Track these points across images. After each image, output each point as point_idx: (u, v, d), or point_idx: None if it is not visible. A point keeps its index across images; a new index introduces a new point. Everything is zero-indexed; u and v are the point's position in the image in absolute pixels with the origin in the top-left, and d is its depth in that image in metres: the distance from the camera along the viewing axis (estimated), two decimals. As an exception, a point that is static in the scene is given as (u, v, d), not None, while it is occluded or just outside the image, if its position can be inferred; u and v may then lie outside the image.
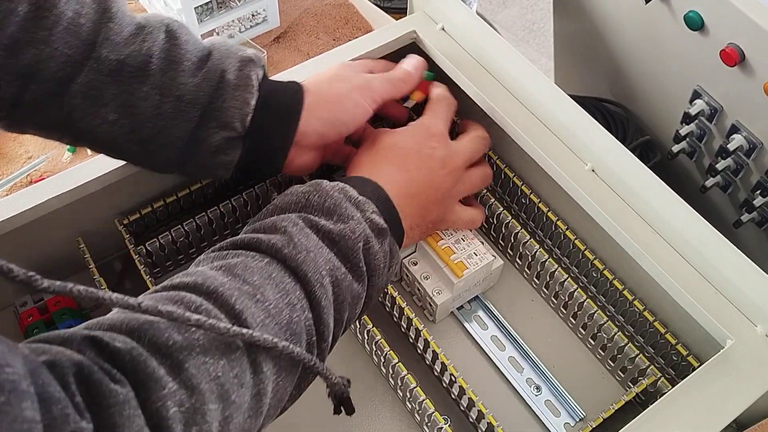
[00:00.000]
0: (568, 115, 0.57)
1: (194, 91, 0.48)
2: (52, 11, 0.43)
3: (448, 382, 0.55)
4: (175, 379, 0.33)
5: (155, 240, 0.60)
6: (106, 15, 0.46)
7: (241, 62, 0.50)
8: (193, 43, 0.49)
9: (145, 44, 0.47)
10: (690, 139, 0.69)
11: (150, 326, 0.34)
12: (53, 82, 0.45)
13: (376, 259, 0.46)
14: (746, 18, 0.54)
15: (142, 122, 0.47)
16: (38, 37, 0.43)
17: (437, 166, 0.54)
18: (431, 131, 0.55)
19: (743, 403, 0.45)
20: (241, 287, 0.39)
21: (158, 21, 0.48)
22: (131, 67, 0.46)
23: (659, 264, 0.51)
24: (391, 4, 1.00)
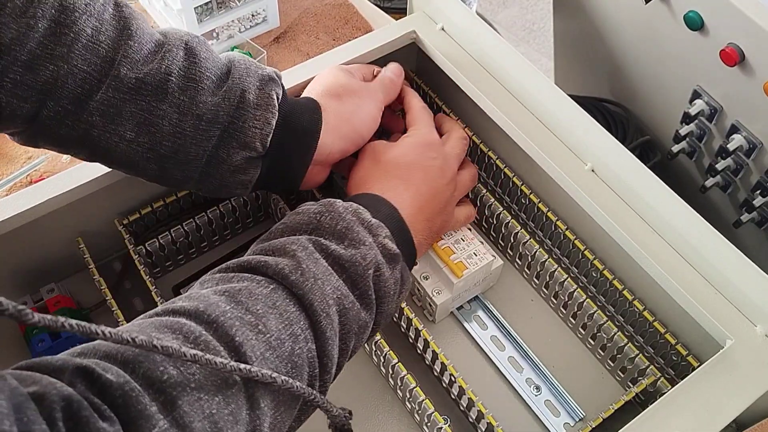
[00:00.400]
0: (568, 115, 0.57)
1: (214, 111, 0.47)
2: (72, 28, 0.43)
3: (448, 382, 0.55)
4: (167, 417, 0.32)
5: (155, 240, 0.60)
6: (126, 32, 0.45)
7: (260, 81, 0.49)
8: (212, 61, 0.48)
9: (164, 62, 0.46)
10: (690, 139, 0.69)
11: (145, 358, 0.33)
12: (71, 99, 0.44)
13: (386, 285, 0.45)
14: (746, 18, 0.54)
15: (161, 141, 0.47)
16: (57, 53, 0.43)
17: (438, 176, 0.54)
18: (428, 141, 0.56)
19: (743, 403, 0.45)
20: (243, 316, 0.38)
21: (177, 38, 0.48)
22: (150, 85, 0.46)
23: (659, 264, 0.51)
24: (391, 4, 1.00)
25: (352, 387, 0.58)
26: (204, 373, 0.34)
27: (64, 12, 0.43)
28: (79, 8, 0.43)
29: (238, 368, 0.34)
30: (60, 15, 0.43)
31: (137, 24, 0.46)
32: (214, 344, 0.35)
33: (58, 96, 0.44)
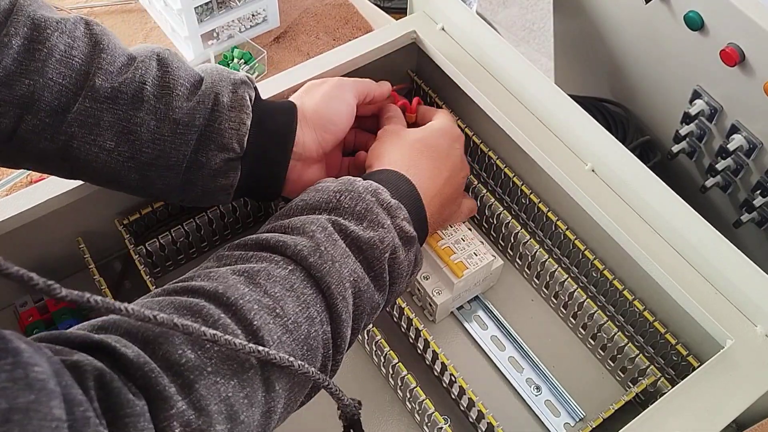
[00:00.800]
0: (568, 115, 0.57)
1: (190, 114, 0.48)
2: (45, 44, 0.44)
3: (448, 382, 0.55)
4: (184, 399, 0.33)
5: (155, 240, 0.60)
6: (98, 47, 0.47)
7: (233, 85, 0.50)
8: (185, 70, 0.49)
9: (138, 72, 0.47)
10: (690, 139, 0.69)
11: (165, 340, 0.34)
12: (48, 112, 0.45)
13: (400, 268, 0.46)
14: (746, 18, 0.54)
15: (141, 148, 0.48)
16: (32, 68, 0.44)
17: (458, 166, 0.56)
18: (455, 132, 0.57)
19: (743, 403, 0.45)
20: (262, 299, 0.38)
21: (149, 51, 0.49)
22: (126, 94, 0.47)
23: (659, 264, 0.51)
24: (391, 4, 1.00)
25: (352, 387, 0.58)
26: (221, 356, 0.35)
27: (37, 29, 0.44)
28: (51, 26, 0.45)
29: (257, 350, 0.35)
30: (32, 32, 0.44)
31: (108, 39, 0.47)
32: (232, 327, 0.36)
33: (35, 109, 0.45)
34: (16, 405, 0.24)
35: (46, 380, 0.26)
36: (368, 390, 0.58)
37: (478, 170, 0.68)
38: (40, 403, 0.25)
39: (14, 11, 0.44)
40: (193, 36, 0.87)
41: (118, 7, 0.96)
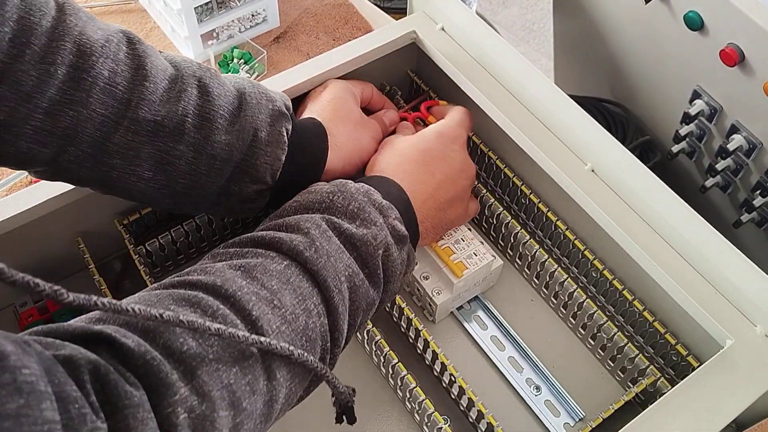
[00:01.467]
0: (568, 115, 0.57)
1: (228, 150, 0.48)
2: (90, 72, 0.43)
3: (448, 382, 0.55)
4: (187, 386, 0.33)
5: (155, 240, 0.60)
6: (141, 72, 0.45)
7: (271, 117, 0.50)
8: (224, 97, 0.49)
9: (180, 103, 0.47)
10: (690, 139, 0.69)
11: (165, 329, 0.34)
12: (90, 143, 0.45)
13: (394, 265, 0.46)
14: (746, 18, 0.54)
15: (177, 179, 0.48)
16: (76, 98, 0.43)
17: (457, 168, 0.55)
18: (453, 134, 0.57)
19: (743, 403, 0.45)
20: (259, 292, 0.39)
21: (190, 73, 0.48)
22: (168, 128, 0.46)
23: (659, 264, 0.51)
24: (391, 4, 1.00)
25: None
26: (222, 344, 0.35)
27: (82, 57, 0.43)
28: (96, 51, 0.44)
29: (258, 341, 0.35)
30: (78, 60, 0.43)
31: (151, 62, 0.46)
32: (232, 318, 0.37)
33: (77, 141, 0.44)
34: (5, 411, 0.24)
35: (35, 382, 0.25)
36: (368, 390, 0.58)
37: (478, 170, 0.68)
38: (31, 407, 0.25)
39: (58, 32, 0.42)
40: (192, 36, 0.87)
41: (118, 7, 0.96)
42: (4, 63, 0.40)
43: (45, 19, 0.42)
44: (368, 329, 0.55)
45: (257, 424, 0.37)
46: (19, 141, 0.43)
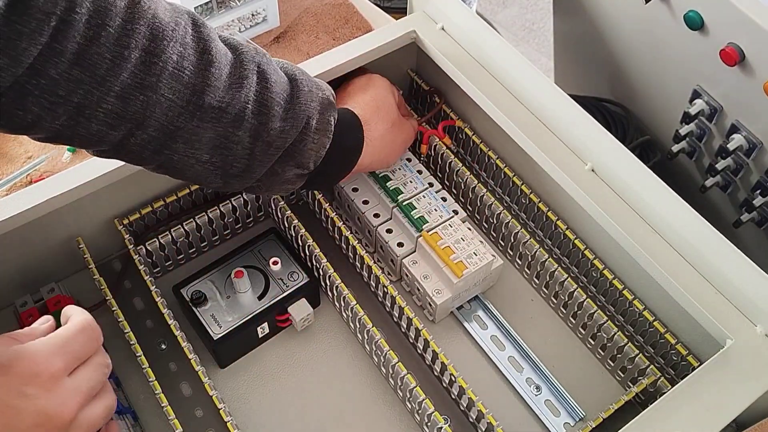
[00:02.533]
0: (568, 115, 0.57)
1: (282, 137, 0.50)
2: (161, 57, 0.43)
3: (448, 381, 0.55)
4: None
5: (155, 240, 0.60)
6: (206, 57, 0.46)
7: (321, 105, 0.52)
8: (280, 84, 0.50)
9: (242, 91, 0.47)
10: (690, 139, 0.69)
11: None
12: (157, 127, 0.45)
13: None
14: (746, 18, 0.54)
15: (232, 162, 0.49)
16: (146, 83, 0.43)
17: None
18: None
19: (743, 402, 0.45)
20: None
21: (250, 58, 0.49)
22: (230, 114, 0.47)
23: (659, 264, 0.51)
24: (391, 3, 1.00)
25: (352, 387, 0.58)
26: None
27: (154, 40, 0.43)
28: (167, 35, 0.44)
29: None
30: (150, 43, 0.43)
31: (215, 46, 0.47)
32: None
33: (145, 125, 0.45)
34: None
35: None
36: (368, 390, 0.58)
37: (478, 170, 0.68)
38: None
39: (133, 14, 0.42)
40: (193, 36, 0.87)
41: (118, 6, 0.96)
42: (80, 45, 0.40)
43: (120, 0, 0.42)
44: (368, 329, 0.55)
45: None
46: (90, 123, 0.43)
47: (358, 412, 0.57)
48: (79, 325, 0.42)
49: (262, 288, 0.59)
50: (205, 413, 0.56)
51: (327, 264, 0.58)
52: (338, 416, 0.57)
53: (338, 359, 0.59)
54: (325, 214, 0.62)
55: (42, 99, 0.40)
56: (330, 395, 0.58)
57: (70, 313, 0.44)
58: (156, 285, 0.56)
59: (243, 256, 0.61)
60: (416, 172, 0.64)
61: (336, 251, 0.64)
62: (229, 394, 0.57)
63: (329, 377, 0.58)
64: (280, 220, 0.63)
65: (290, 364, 0.59)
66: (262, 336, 0.59)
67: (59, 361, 0.39)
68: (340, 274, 0.57)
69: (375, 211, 0.63)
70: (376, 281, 0.59)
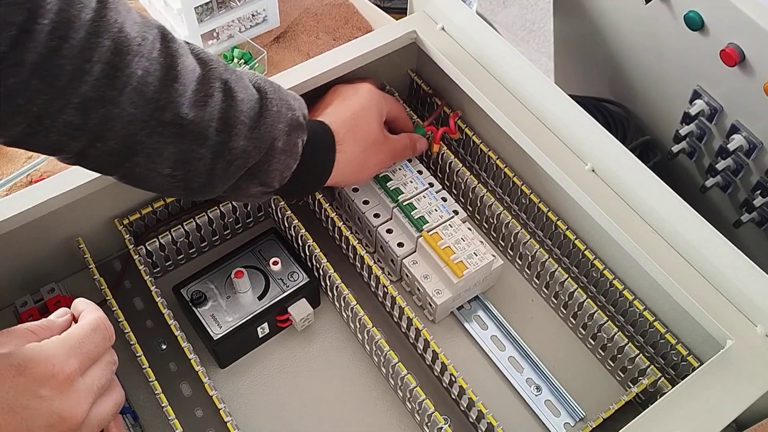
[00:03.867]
0: (568, 115, 0.57)
1: (244, 157, 0.49)
2: (125, 71, 0.43)
3: (448, 382, 0.55)
4: None
5: (155, 240, 0.60)
6: (172, 73, 0.45)
7: (289, 127, 0.51)
8: (247, 102, 0.49)
9: (207, 108, 0.47)
10: (690, 139, 0.69)
11: None
12: (117, 140, 0.45)
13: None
14: (746, 18, 0.54)
15: (194, 177, 0.49)
16: (108, 96, 0.43)
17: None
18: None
19: (743, 403, 0.45)
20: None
21: (217, 75, 0.48)
22: (193, 132, 0.47)
23: (659, 264, 0.51)
24: (391, 4, 1.00)
25: (352, 387, 0.58)
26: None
27: (119, 54, 0.43)
28: (133, 50, 0.43)
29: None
30: (114, 58, 0.43)
31: (182, 62, 0.46)
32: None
33: (105, 138, 0.45)
34: None
35: None
36: (368, 390, 0.58)
37: (478, 170, 0.68)
38: None
39: (98, 27, 0.42)
40: (193, 36, 0.87)
41: (118, 7, 0.96)
42: (41, 55, 0.40)
43: (85, 12, 0.41)
44: (368, 329, 0.55)
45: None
46: (49, 133, 0.43)
47: (358, 412, 0.57)
48: (93, 323, 0.43)
49: (262, 288, 0.59)
50: (205, 413, 0.56)
51: (327, 264, 0.58)
52: (338, 416, 0.57)
53: (338, 359, 0.59)
54: (325, 214, 0.62)
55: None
56: (330, 395, 0.58)
57: (81, 308, 0.45)
58: (156, 285, 0.56)
59: (243, 256, 0.61)
60: (416, 172, 0.64)
61: (336, 251, 0.64)
62: (229, 394, 0.57)
63: (329, 377, 0.58)
64: (280, 220, 0.63)
65: (290, 364, 0.59)
66: (262, 336, 0.59)
67: (74, 362, 0.40)
68: (340, 274, 0.57)
69: (375, 211, 0.63)
70: (376, 281, 0.59)
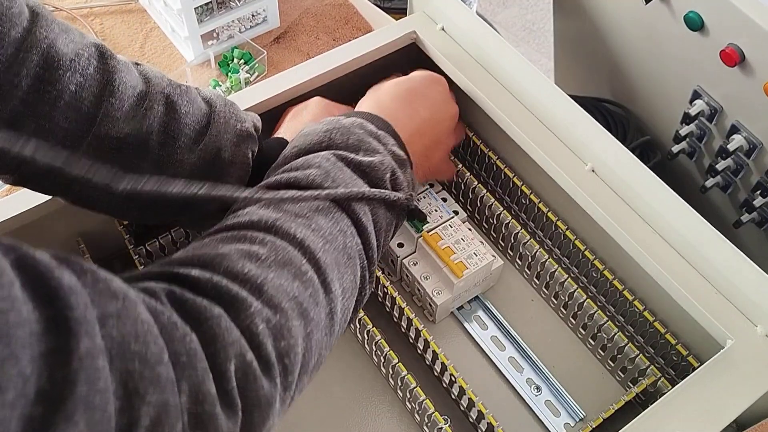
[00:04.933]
0: (568, 115, 0.57)
1: (189, 170, 0.48)
2: (55, 86, 0.42)
3: (448, 382, 0.55)
4: (258, 300, 0.34)
5: (155, 240, 0.60)
6: (108, 88, 0.45)
7: (238, 137, 0.50)
8: (192, 115, 0.48)
9: (145, 121, 0.46)
10: (690, 139, 0.69)
11: (222, 258, 0.35)
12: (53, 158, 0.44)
13: (402, 187, 0.47)
14: (746, 18, 0.54)
15: (139, 193, 0.48)
16: (39, 111, 0.42)
17: (441, 108, 0.56)
18: (436, 78, 0.58)
19: (743, 403, 0.45)
20: (296, 219, 0.40)
21: (159, 90, 0.47)
22: (131, 145, 0.46)
23: (659, 264, 0.51)
24: (391, 4, 1.00)
25: (352, 387, 0.58)
26: (278, 263, 0.37)
27: (49, 69, 0.42)
28: (64, 65, 0.43)
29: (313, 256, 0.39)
30: (44, 72, 0.42)
31: (120, 78, 0.45)
32: (279, 242, 0.38)
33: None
34: (107, 311, 0.26)
35: (127, 290, 0.27)
36: (368, 390, 0.58)
37: (478, 170, 0.68)
38: (127, 309, 0.27)
39: (27, 43, 0.41)
40: (193, 36, 0.87)
41: (118, 7, 0.96)
42: None
43: (15, 30, 0.41)
44: (368, 329, 0.55)
45: (323, 336, 0.38)
46: None
47: (358, 412, 0.57)
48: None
49: (262, 288, 0.59)
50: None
51: (327, 264, 0.57)
52: (338, 416, 0.57)
53: (338, 359, 0.59)
54: (325, 215, 0.62)
55: None
56: (330, 395, 0.58)
57: None
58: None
59: (243, 257, 0.61)
60: (416, 173, 0.64)
61: (336, 251, 0.64)
62: (229, 394, 0.57)
63: (329, 377, 0.58)
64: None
65: (290, 364, 0.59)
66: (262, 336, 0.59)
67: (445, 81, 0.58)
68: (340, 275, 0.57)
69: (375, 212, 0.63)
70: (376, 282, 0.59)
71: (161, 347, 0.28)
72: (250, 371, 0.32)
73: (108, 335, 0.25)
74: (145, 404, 0.26)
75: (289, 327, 0.35)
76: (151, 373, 0.27)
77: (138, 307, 0.27)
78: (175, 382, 0.28)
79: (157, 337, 0.28)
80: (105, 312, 0.26)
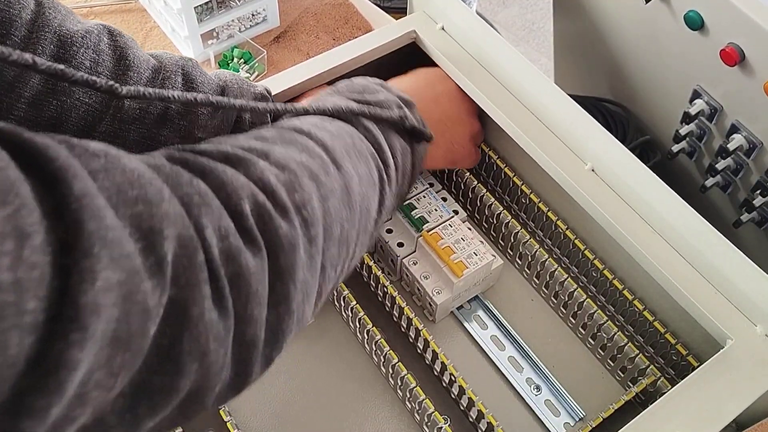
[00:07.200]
0: (568, 115, 0.57)
1: (214, 135, 0.49)
2: (71, 62, 0.44)
3: (448, 381, 0.55)
4: (265, 161, 0.35)
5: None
6: (123, 62, 0.46)
7: (255, 99, 0.51)
8: (208, 84, 0.50)
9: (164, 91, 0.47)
10: (690, 139, 0.69)
11: (227, 138, 0.38)
12: (75, 131, 0.45)
13: (411, 120, 0.49)
14: (746, 18, 0.54)
15: None
16: (59, 88, 0.43)
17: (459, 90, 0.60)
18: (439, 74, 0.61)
19: (743, 403, 0.45)
20: (299, 119, 0.43)
21: (173, 62, 0.49)
22: (152, 114, 0.47)
23: (659, 264, 0.51)
24: (391, 3, 1.00)
25: (352, 387, 0.58)
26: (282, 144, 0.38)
27: (63, 46, 0.43)
28: (77, 41, 0.44)
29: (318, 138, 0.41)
30: (59, 50, 0.43)
31: (133, 53, 0.47)
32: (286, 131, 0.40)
33: (63, 130, 0.45)
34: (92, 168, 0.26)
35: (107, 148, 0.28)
36: (368, 390, 0.58)
37: (478, 170, 0.68)
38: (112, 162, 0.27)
39: (38, 24, 0.43)
40: (192, 36, 0.87)
41: (118, 6, 0.96)
42: None
43: (24, 11, 0.42)
44: (368, 329, 0.55)
45: (342, 207, 0.38)
46: None
47: (358, 411, 0.57)
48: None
49: (262, 288, 0.59)
50: (205, 413, 0.56)
51: (327, 264, 0.58)
52: (338, 416, 0.57)
53: (338, 359, 0.59)
54: (325, 214, 0.62)
55: None
56: (330, 395, 0.58)
57: None
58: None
59: (243, 256, 0.61)
60: (416, 172, 0.64)
61: (336, 251, 0.64)
62: (229, 394, 0.57)
63: (329, 377, 0.58)
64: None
65: (290, 364, 0.59)
66: (262, 336, 0.59)
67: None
68: (340, 274, 0.57)
69: (375, 211, 0.63)
70: (376, 281, 0.59)
71: (159, 188, 0.28)
72: (264, 211, 0.33)
73: (102, 187, 0.25)
74: (164, 239, 0.27)
75: (301, 183, 0.35)
76: (158, 210, 0.27)
77: (122, 159, 0.27)
78: (186, 216, 0.29)
79: (151, 180, 0.28)
80: (90, 169, 0.25)
